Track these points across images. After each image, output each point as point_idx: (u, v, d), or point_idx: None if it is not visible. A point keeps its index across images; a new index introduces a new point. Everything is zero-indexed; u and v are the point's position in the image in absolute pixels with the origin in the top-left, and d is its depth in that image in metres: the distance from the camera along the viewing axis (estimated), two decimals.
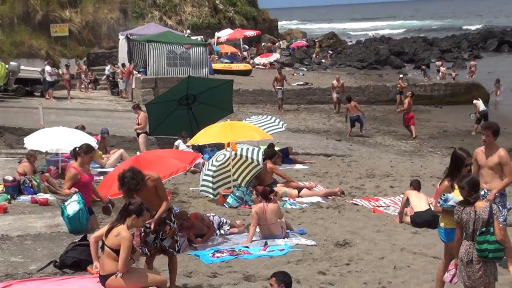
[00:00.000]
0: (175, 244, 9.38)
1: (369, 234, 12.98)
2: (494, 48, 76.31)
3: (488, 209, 7.95)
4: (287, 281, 7.96)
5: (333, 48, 70.17)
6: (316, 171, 20.14)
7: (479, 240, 7.90)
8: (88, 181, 11.32)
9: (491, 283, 8.09)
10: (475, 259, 7.96)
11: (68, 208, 11.09)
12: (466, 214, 7.97)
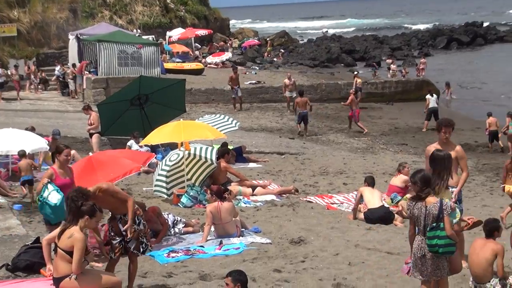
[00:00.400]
0: (139, 246, 9.35)
1: (323, 231, 13.05)
2: (443, 45, 77.48)
3: (438, 204, 8.06)
4: (243, 279, 7.95)
5: (285, 46, 70.36)
6: (270, 169, 20.18)
7: (429, 236, 8.00)
8: (64, 184, 10.69)
9: (443, 277, 8.20)
10: (427, 254, 8.05)
11: (50, 198, 10.55)
12: (418, 209, 8.07)
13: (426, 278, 8.18)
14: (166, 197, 15.88)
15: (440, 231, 7.99)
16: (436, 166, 8.98)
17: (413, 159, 22.69)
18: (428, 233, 8.03)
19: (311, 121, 31.16)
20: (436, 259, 8.08)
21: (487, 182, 19.76)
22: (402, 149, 25.84)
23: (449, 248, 8.05)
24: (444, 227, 7.99)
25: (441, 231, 7.99)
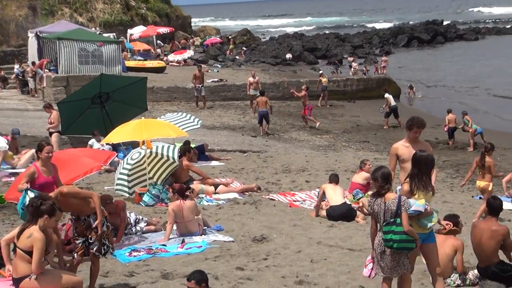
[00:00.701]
0: (101, 248, 9.26)
1: (286, 229, 13.08)
2: (404, 43, 78.26)
3: (397, 200, 8.12)
4: (205, 279, 7.91)
5: (247, 44, 70.40)
6: (232, 167, 20.16)
7: (384, 230, 8.06)
8: (47, 182, 10.47)
9: (404, 273, 8.25)
10: (387, 250, 8.10)
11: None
12: (377, 206, 8.12)
13: (387, 274, 8.22)
14: (128, 196, 15.75)
15: (396, 227, 8.02)
16: (422, 167, 8.49)
17: (375, 156, 22.86)
18: (384, 227, 8.08)
19: (273, 119, 31.20)
20: (396, 255, 8.12)
21: (448, 178, 20.00)
22: (364, 147, 26.01)
23: (405, 244, 8.05)
24: (401, 223, 8.03)
25: (397, 227, 8.02)
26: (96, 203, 9.16)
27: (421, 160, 8.49)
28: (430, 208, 8.33)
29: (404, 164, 10.48)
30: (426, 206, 8.23)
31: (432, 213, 8.35)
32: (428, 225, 8.32)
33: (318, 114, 34.40)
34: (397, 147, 10.49)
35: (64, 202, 9.01)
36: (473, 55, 66.11)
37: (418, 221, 8.25)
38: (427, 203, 8.28)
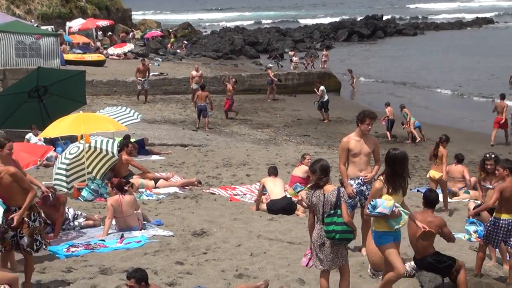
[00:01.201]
0: (33, 244, 9.10)
1: (226, 223, 13.08)
2: (344, 38, 79.00)
3: (336, 192, 8.19)
4: (145, 277, 7.84)
5: (188, 38, 70.07)
6: (173, 161, 20.05)
7: (326, 222, 8.13)
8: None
9: (343, 264, 8.33)
10: (326, 242, 8.16)
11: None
12: (316, 198, 8.17)
13: (326, 267, 8.29)
14: (66, 191, 15.52)
15: (337, 218, 8.12)
16: (396, 167, 8.24)
17: (315, 150, 23.03)
18: (326, 219, 8.14)
19: (215, 113, 31.17)
20: (335, 247, 8.20)
21: None
22: (304, 140, 26.16)
23: (346, 235, 8.19)
24: (342, 214, 8.13)
25: (338, 218, 8.12)
26: (29, 198, 8.98)
27: (395, 159, 8.23)
28: (398, 210, 8.17)
29: (354, 159, 10.60)
30: (394, 209, 8.10)
31: (400, 215, 8.21)
32: (395, 227, 8.26)
33: (260, 108, 34.51)
34: (349, 141, 10.58)
35: (5, 183, 8.82)
36: (412, 50, 67.08)
37: (386, 220, 8.21)
38: (396, 204, 8.16)
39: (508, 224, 9.66)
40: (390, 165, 8.25)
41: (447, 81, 45.58)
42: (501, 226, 9.68)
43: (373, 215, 8.23)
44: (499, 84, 43.25)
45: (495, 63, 54.07)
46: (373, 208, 8.12)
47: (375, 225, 8.39)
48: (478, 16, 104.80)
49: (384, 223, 8.19)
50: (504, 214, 9.71)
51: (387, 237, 8.26)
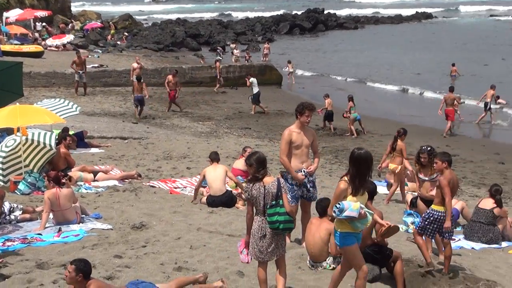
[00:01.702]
0: None
1: (166, 216, 13.00)
2: (286, 31, 79.40)
3: (276, 183, 8.22)
4: (87, 270, 7.74)
5: (129, 30, 69.43)
6: (113, 154, 19.84)
7: (270, 213, 8.15)
8: None
9: (281, 255, 8.38)
10: (268, 233, 8.18)
11: None
12: (256, 190, 8.17)
13: (267, 258, 8.31)
14: (2, 184, 15.21)
15: (279, 208, 8.16)
16: (361, 167, 8.07)
17: (256, 142, 23.09)
18: (269, 210, 8.16)
19: (155, 106, 30.98)
20: (276, 237, 8.23)
21: (327, 164, 20.43)
22: (245, 133, 26.20)
23: (289, 224, 8.26)
24: (283, 204, 8.18)
25: (281, 208, 8.16)
26: None
27: (360, 159, 8.05)
28: (364, 211, 8.03)
29: (296, 151, 10.66)
30: (360, 210, 7.95)
31: (366, 216, 8.08)
32: (360, 228, 8.16)
33: (201, 100, 34.42)
34: (291, 133, 10.62)
35: None
36: (352, 44, 67.78)
37: (350, 222, 8.05)
38: (362, 205, 8.02)
39: (442, 215, 9.82)
40: (355, 165, 8.08)
41: (388, 74, 46.25)
42: (438, 218, 9.83)
43: (340, 218, 8.03)
44: (439, 77, 44.06)
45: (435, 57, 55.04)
46: (340, 212, 7.91)
47: (338, 226, 8.17)
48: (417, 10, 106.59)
49: (347, 224, 8.05)
50: (438, 206, 9.86)
51: (351, 238, 8.14)
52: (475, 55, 56.09)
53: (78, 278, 7.68)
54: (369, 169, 8.13)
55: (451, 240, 10.19)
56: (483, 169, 20.77)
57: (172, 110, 30.55)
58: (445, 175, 9.84)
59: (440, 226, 9.86)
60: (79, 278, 7.68)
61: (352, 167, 8.10)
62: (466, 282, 9.65)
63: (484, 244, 12.29)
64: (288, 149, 10.64)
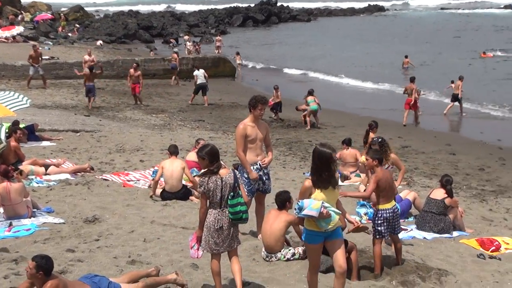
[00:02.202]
0: None
1: (119, 209, 12.90)
2: (239, 23, 79.36)
3: (232, 174, 8.21)
4: (48, 268, 7.60)
5: (80, 21, 68.64)
6: (64, 147, 19.59)
7: (232, 204, 8.12)
8: None
9: (236, 246, 8.37)
10: (225, 225, 8.16)
11: None
12: (213, 183, 8.12)
13: (223, 250, 8.28)
14: None
15: (241, 198, 8.16)
16: (323, 163, 7.78)
17: (210, 135, 23.03)
18: (231, 201, 8.12)
19: (108, 98, 30.69)
20: (232, 229, 8.22)
21: (280, 156, 20.47)
22: (199, 125, 26.10)
23: (247, 214, 8.28)
24: (242, 195, 8.19)
25: (241, 198, 8.16)
26: None
27: (322, 156, 7.74)
28: (327, 211, 7.72)
29: (251, 145, 10.66)
30: (322, 210, 7.66)
31: (329, 216, 7.75)
32: (324, 227, 7.82)
33: (154, 93, 34.22)
34: (246, 127, 10.62)
35: None
36: (305, 36, 68.04)
37: (316, 220, 7.82)
38: (325, 204, 7.74)
39: (389, 213, 9.87)
40: (316, 160, 7.83)
41: (341, 67, 46.51)
42: (384, 217, 9.85)
43: (299, 216, 7.95)
44: (392, 70, 44.52)
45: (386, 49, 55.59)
46: (300, 210, 7.74)
47: (305, 223, 8.01)
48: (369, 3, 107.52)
49: (313, 222, 7.87)
50: (383, 205, 9.88)
51: (317, 238, 7.91)
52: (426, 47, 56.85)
53: (38, 275, 7.56)
54: (330, 164, 7.76)
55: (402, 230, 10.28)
56: (434, 160, 21.04)
57: (126, 103, 30.31)
58: (376, 173, 9.85)
59: (390, 224, 9.88)
60: (39, 276, 7.56)
61: (314, 162, 7.90)
62: (418, 271, 9.80)
63: (435, 234, 12.46)
64: (244, 143, 10.65)
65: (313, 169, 7.88)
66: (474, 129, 26.70)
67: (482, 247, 11.70)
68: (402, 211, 13.48)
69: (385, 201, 9.87)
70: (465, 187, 17.73)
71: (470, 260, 11.06)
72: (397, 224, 10.01)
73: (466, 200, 16.08)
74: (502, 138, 24.86)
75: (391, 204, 9.90)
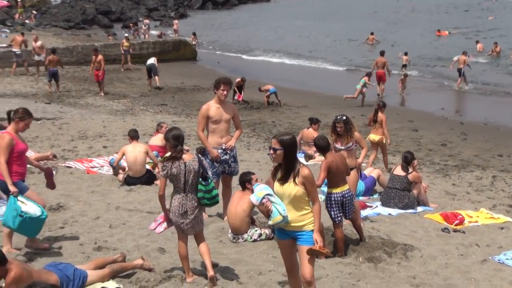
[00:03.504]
0: None
1: (83, 196, 12.79)
2: (199, 6, 78.94)
3: (196, 159, 8.18)
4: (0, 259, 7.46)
5: (37, 8, 67.63)
6: (26, 136, 19.21)
7: (208, 189, 8.10)
8: (25, 150, 9.35)
9: (200, 230, 8.35)
10: (189, 210, 8.13)
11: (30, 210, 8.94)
12: (176, 168, 8.07)
13: (189, 233, 8.26)
14: None
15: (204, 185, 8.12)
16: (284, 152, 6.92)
17: (173, 118, 22.92)
18: (206, 187, 8.11)
19: (68, 85, 30.36)
20: (197, 213, 8.19)
21: (244, 138, 20.45)
22: (162, 110, 25.97)
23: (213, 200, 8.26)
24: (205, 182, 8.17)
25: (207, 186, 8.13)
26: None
27: (284, 145, 6.88)
28: (270, 206, 6.94)
29: (215, 126, 10.63)
30: (263, 200, 6.99)
31: (270, 211, 6.94)
32: (272, 225, 7.12)
33: (115, 78, 33.95)
34: (209, 108, 10.60)
35: None
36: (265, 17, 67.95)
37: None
38: (271, 198, 6.95)
39: (339, 197, 9.80)
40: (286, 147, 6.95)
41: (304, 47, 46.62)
42: (335, 201, 9.83)
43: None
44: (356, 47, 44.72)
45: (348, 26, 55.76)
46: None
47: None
48: None
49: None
50: (333, 189, 9.81)
51: (279, 232, 7.22)
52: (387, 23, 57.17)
53: None
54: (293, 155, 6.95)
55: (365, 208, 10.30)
56: (397, 137, 21.20)
57: (87, 89, 30.02)
58: (328, 159, 9.76)
59: (341, 207, 9.86)
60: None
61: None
62: (384, 247, 9.89)
63: (400, 210, 12.59)
64: (205, 123, 10.62)
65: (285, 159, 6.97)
66: (436, 105, 26.97)
67: (446, 221, 11.85)
68: (367, 188, 13.62)
69: (335, 185, 9.78)
70: (428, 162, 17.94)
71: (435, 234, 11.20)
72: (349, 209, 9.90)
73: (429, 175, 16.27)
74: (463, 113, 25.18)
75: (342, 189, 9.81)
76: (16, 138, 9.14)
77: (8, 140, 9.00)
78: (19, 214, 8.64)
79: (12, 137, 9.07)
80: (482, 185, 15.51)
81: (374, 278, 8.82)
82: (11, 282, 7.33)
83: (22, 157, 9.17)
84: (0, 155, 8.90)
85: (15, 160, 9.05)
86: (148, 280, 8.30)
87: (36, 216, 8.80)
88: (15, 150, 9.04)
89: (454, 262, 9.73)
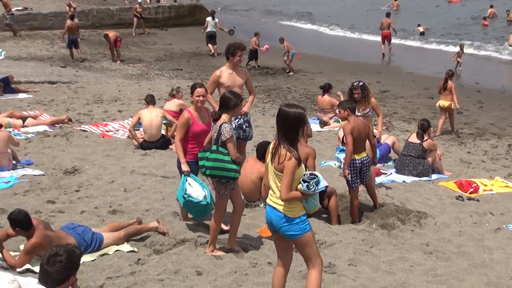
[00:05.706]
0: None
1: (98, 160, 12.84)
2: None
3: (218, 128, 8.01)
4: (18, 219, 7.48)
5: None
6: (41, 99, 19.37)
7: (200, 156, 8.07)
8: (202, 131, 8.72)
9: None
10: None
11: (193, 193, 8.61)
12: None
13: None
14: None
15: (210, 153, 7.97)
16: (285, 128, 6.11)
17: (188, 83, 22.84)
18: (199, 154, 8.07)
19: (84, 49, 30.32)
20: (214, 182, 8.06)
21: (259, 103, 20.43)
22: (177, 74, 25.95)
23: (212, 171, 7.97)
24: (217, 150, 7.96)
25: (212, 153, 7.96)
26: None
27: (285, 118, 6.08)
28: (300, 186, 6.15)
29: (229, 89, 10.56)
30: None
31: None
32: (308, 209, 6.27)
33: (130, 42, 33.88)
34: (221, 74, 10.49)
35: None
36: None
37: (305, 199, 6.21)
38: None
39: (358, 164, 9.79)
40: (279, 124, 6.18)
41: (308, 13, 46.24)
42: (354, 167, 9.80)
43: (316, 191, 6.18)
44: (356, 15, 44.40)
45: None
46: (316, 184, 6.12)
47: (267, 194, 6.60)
48: None
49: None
50: (355, 155, 9.76)
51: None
52: None
53: (17, 231, 7.51)
54: (295, 133, 6.10)
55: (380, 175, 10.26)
56: (413, 104, 21.10)
57: (102, 53, 30.01)
58: (350, 123, 9.76)
59: (359, 174, 9.85)
60: (18, 231, 7.51)
61: (277, 127, 6.24)
62: (398, 215, 9.89)
63: (414, 177, 12.57)
64: (214, 89, 10.55)
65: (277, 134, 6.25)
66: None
67: (461, 189, 11.83)
68: (382, 155, 13.57)
69: (355, 151, 9.73)
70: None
71: (449, 202, 11.19)
72: (366, 175, 9.91)
73: (444, 143, 16.20)
74: (480, 81, 24.97)
75: (361, 155, 9.81)
76: (195, 118, 8.77)
77: (185, 120, 8.71)
78: (182, 196, 8.57)
79: (189, 117, 8.74)
80: (497, 154, 15.44)
81: (387, 245, 8.84)
82: (30, 248, 7.45)
83: (199, 138, 8.69)
84: (177, 133, 8.76)
85: (190, 139, 8.73)
86: (162, 243, 8.34)
87: (198, 201, 8.52)
88: (191, 130, 8.72)
89: (467, 230, 9.73)
